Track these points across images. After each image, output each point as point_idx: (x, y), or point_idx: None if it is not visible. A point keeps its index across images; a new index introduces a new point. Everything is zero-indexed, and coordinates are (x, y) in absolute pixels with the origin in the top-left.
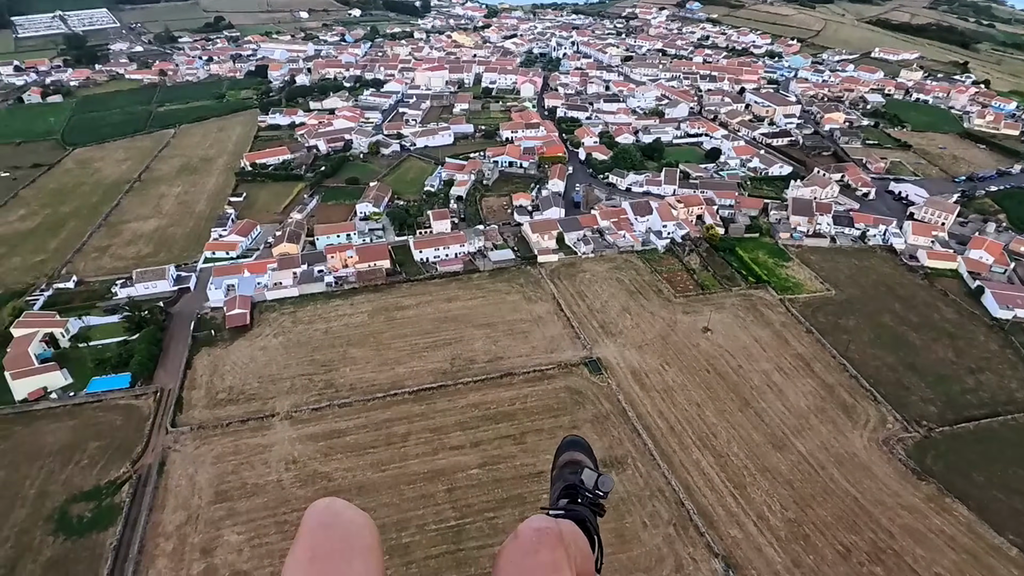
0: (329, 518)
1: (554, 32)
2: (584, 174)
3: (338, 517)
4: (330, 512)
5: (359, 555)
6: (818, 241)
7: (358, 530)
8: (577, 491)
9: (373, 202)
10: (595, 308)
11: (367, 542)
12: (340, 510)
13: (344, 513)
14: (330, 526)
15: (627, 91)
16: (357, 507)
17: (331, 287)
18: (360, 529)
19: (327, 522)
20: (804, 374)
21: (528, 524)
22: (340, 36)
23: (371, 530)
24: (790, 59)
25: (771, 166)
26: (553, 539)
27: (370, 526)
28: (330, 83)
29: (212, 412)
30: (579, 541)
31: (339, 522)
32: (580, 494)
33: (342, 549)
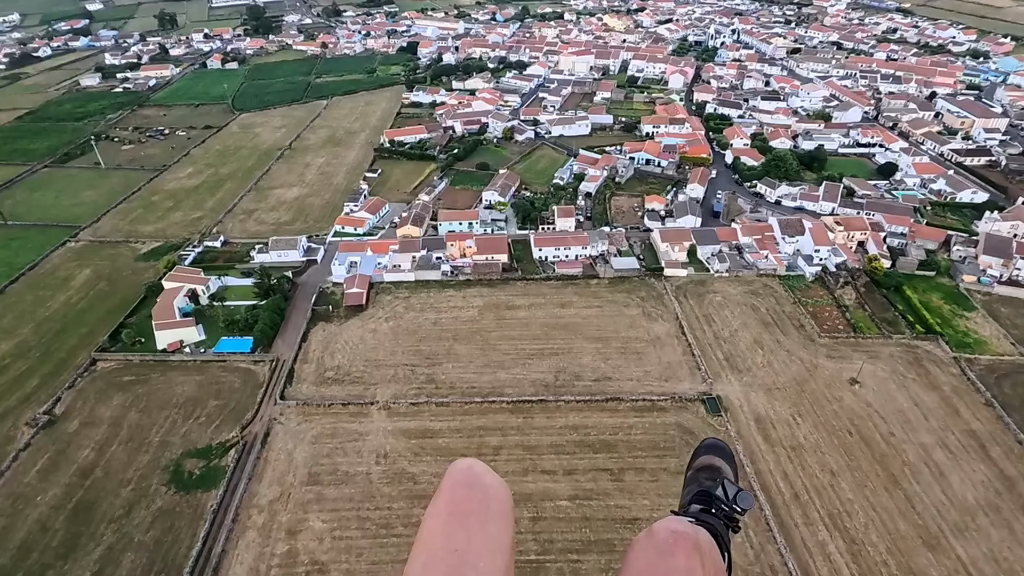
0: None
1: (714, 18)
2: (728, 180)
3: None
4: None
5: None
6: (1015, 291)
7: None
8: (711, 499)
9: (500, 191)
10: (722, 336)
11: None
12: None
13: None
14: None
15: (790, 88)
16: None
17: (446, 276)
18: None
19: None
20: (976, 458)
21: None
22: (491, 15)
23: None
24: (1000, 60)
25: (960, 190)
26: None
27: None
28: (475, 63)
29: (318, 389)
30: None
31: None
32: (715, 504)
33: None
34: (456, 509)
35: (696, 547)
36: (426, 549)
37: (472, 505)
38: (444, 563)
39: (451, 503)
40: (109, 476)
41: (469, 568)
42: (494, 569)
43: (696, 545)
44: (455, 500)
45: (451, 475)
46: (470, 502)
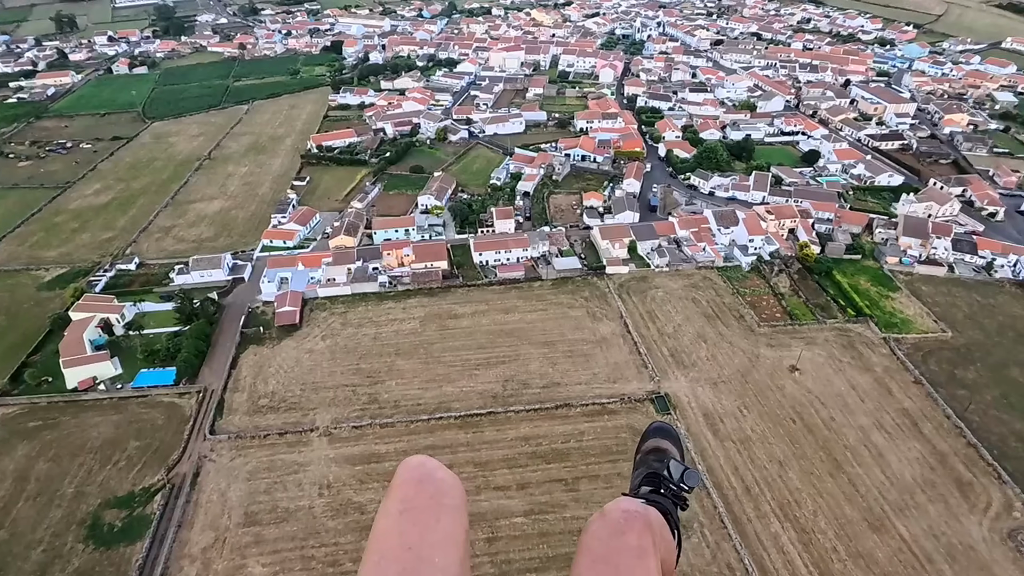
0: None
1: (639, 11)
2: (663, 173)
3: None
4: (423, 469)
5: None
6: (933, 269)
7: (448, 488)
8: (660, 481)
9: (436, 194)
10: (666, 332)
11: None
12: (433, 468)
13: (436, 472)
14: (422, 482)
15: (716, 80)
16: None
17: (385, 287)
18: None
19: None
20: (910, 435)
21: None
22: (418, 11)
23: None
24: (904, 48)
25: (879, 174)
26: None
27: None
28: (403, 61)
29: (252, 420)
30: (664, 531)
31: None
32: (664, 485)
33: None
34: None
35: (647, 525)
36: (379, 548)
37: (424, 501)
38: (398, 561)
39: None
40: (16, 537)
41: (424, 564)
42: (449, 564)
43: (647, 523)
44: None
45: (402, 472)
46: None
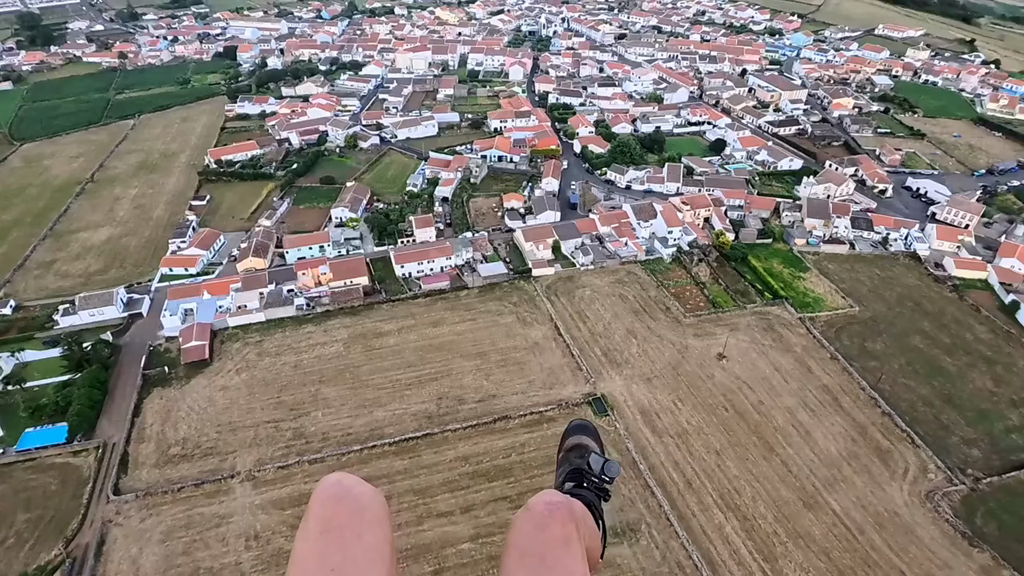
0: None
1: (543, 7)
2: (580, 169)
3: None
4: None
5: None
6: (836, 248)
7: (368, 502)
8: (583, 475)
9: (350, 206)
10: (597, 331)
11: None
12: (351, 484)
13: (355, 487)
14: (341, 499)
15: (622, 74)
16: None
17: (302, 310)
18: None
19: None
20: (832, 411)
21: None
22: (316, 12)
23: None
24: (792, 37)
25: (780, 159)
26: (564, 513)
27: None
28: (304, 66)
29: (162, 472)
30: (588, 520)
31: (350, 495)
32: (586, 478)
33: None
34: (328, 525)
35: (571, 515)
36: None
37: (345, 518)
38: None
39: (322, 520)
40: None
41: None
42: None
43: (570, 514)
44: (326, 517)
45: (319, 492)
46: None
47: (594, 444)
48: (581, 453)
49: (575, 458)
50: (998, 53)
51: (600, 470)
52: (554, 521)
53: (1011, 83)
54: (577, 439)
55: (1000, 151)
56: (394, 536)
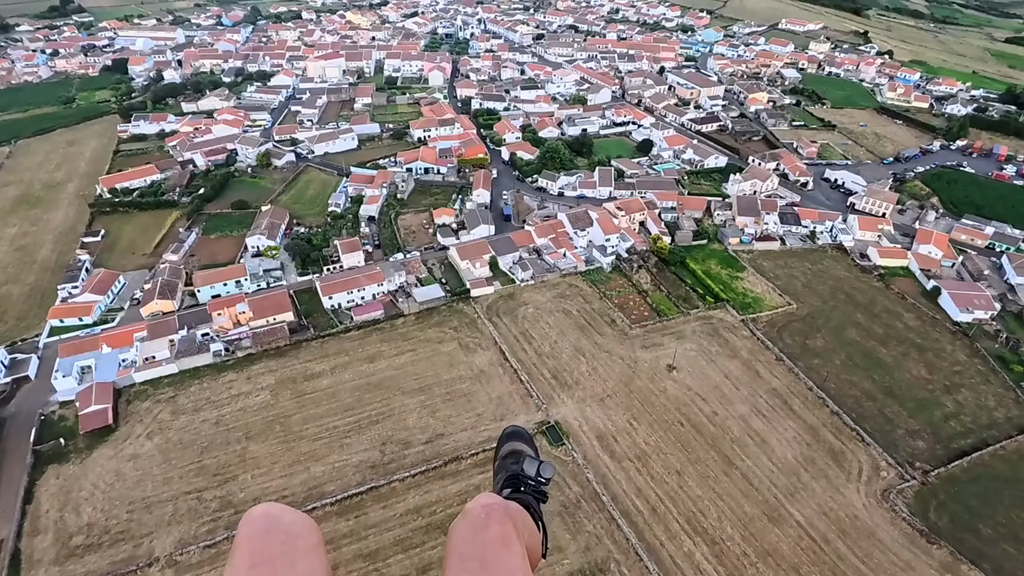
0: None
1: (458, 8)
2: (510, 177)
3: (277, 521)
4: (269, 516)
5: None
6: (768, 244)
7: (300, 531)
8: (519, 480)
9: (267, 232)
10: (544, 352)
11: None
12: (279, 513)
13: (283, 516)
14: (269, 531)
15: (544, 75)
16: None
17: (220, 356)
18: (302, 530)
19: (266, 527)
20: (784, 415)
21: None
22: (216, 19)
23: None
24: (703, 33)
25: (706, 157)
26: (501, 514)
27: (311, 527)
28: (206, 78)
29: (64, 569)
30: (526, 519)
31: (279, 526)
32: (523, 482)
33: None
34: (258, 560)
35: (508, 515)
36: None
37: (275, 550)
38: None
39: (251, 555)
40: None
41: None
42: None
43: (507, 513)
44: (254, 551)
45: (245, 526)
46: (272, 547)
47: (528, 448)
48: (516, 459)
49: (511, 464)
50: (889, 43)
51: (536, 473)
52: (492, 522)
53: (904, 72)
54: (511, 446)
55: (903, 138)
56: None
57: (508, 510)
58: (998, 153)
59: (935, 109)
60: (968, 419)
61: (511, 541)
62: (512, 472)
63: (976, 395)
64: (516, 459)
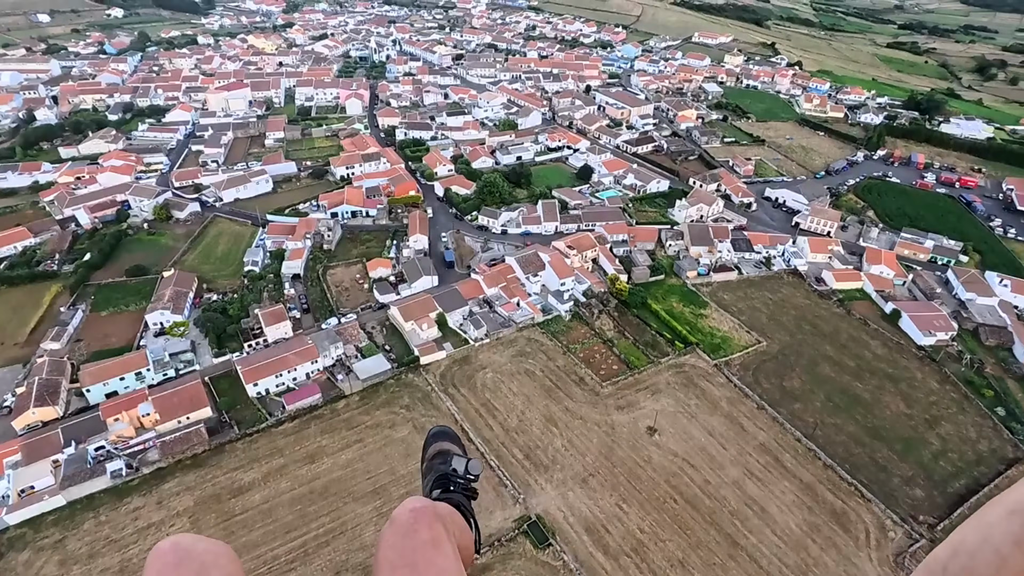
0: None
1: (370, 29)
2: (447, 216)
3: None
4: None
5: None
6: (726, 275)
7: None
8: (448, 480)
9: (171, 304)
10: (512, 427)
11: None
12: (189, 544)
13: (195, 546)
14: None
15: (469, 99)
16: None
17: (121, 476)
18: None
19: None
20: (778, 474)
21: (403, 507)
22: (97, 47)
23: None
24: (622, 49)
25: (648, 182)
26: (429, 516)
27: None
28: (88, 116)
29: None
30: (456, 518)
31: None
32: (452, 482)
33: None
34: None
35: (436, 517)
36: None
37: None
38: None
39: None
40: None
41: None
42: None
43: (436, 515)
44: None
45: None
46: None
47: (455, 447)
48: (444, 459)
49: (439, 464)
50: (794, 53)
51: (464, 470)
52: (420, 525)
53: (815, 82)
54: (439, 446)
55: (828, 150)
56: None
57: (436, 511)
58: (916, 161)
59: (850, 119)
60: (955, 456)
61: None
62: (441, 472)
63: (957, 427)
64: (444, 459)
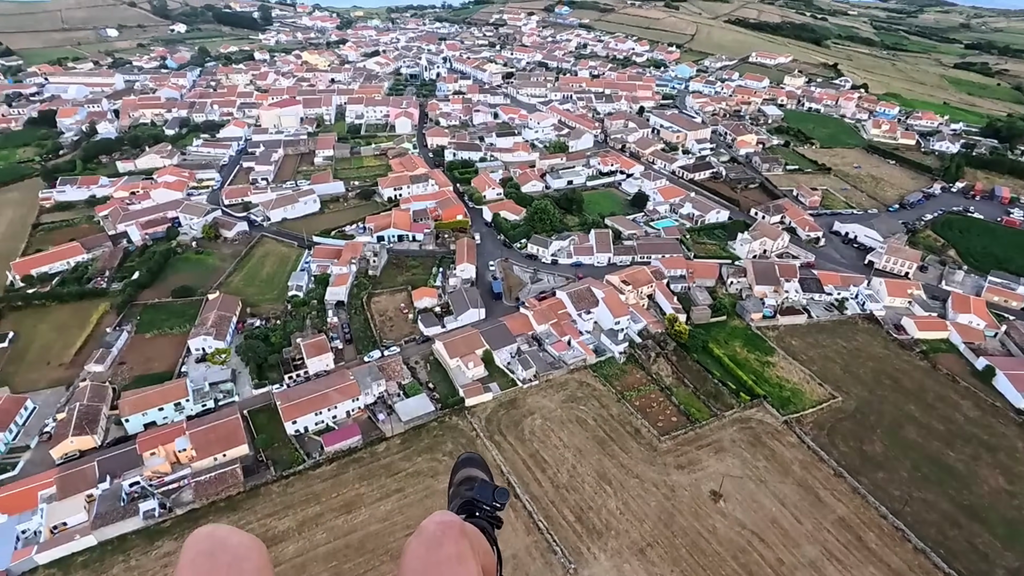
0: (213, 545)
1: (421, 46)
2: (495, 242)
3: (223, 543)
4: (213, 539)
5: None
6: (794, 318)
7: (246, 553)
8: (474, 506)
9: (214, 330)
10: (562, 483)
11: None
12: (224, 535)
13: (229, 538)
14: (214, 553)
15: (520, 119)
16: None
17: (154, 518)
18: (248, 552)
19: (211, 550)
20: (861, 557)
21: (431, 519)
22: (160, 61)
23: (261, 552)
24: (676, 68)
25: (707, 212)
26: (457, 532)
27: (259, 547)
28: (145, 131)
29: None
30: (481, 540)
31: (224, 548)
32: (478, 508)
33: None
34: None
35: (463, 533)
36: None
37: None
38: None
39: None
40: None
41: None
42: None
43: (463, 531)
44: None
45: (189, 549)
46: (217, 571)
47: (483, 474)
48: (470, 485)
49: (465, 491)
50: (857, 75)
51: (491, 497)
52: (447, 539)
53: (883, 106)
54: (467, 472)
55: (900, 180)
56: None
57: (464, 528)
58: (1001, 195)
59: (923, 146)
60: None
61: (466, 559)
62: (467, 498)
63: None
64: (470, 485)
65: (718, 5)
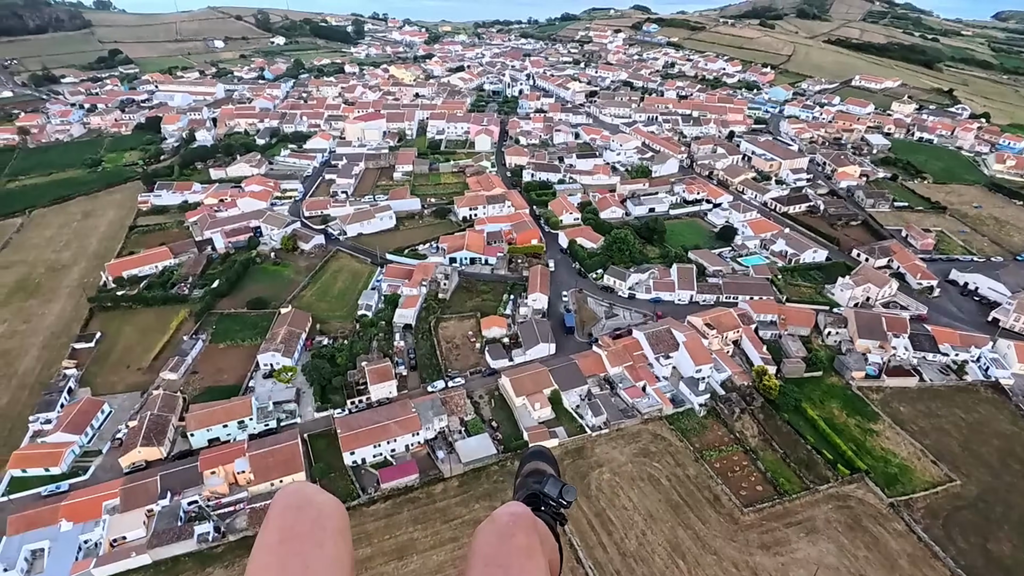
0: (301, 500)
1: (505, 62)
2: (569, 271)
3: (310, 500)
4: (301, 495)
5: (331, 538)
6: (903, 380)
7: (330, 512)
8: (540, 500)
9: (283, 347)
10: (629, 551)
11: (339, 525)
12: (312, 493)
13: (316, 496)
14: (301, 508)
15: (601, 140)
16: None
17: (208, 541)
18: (332, 511)
19: (298, 504)
20: None
21: (504, 509)
22: (258, 72)
23: (342, 513)
24: (770, 91)
25: (803, 251)
26: (528, 524)
27: (340, 510)
28: (239, 140)
29: None
30: (548, 536)
31: (310, 505)
32: (543, 503)
33: (312, 531)
34: (288, 535)
35: (534, 526)
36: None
37: (306, 527)
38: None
39: (282, 529)
40: None
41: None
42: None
43: (534, 525)
44: (286, 526)
45: (279, 500)
46: (303, 524)
47: (551, 469)
48: (538, 479)
49: (532, 483)
50: (975, 101)
51: (558, 494)
52: (519, 531)
53: (1008, 139)
54: (534, 465)
55: None
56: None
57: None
58: None
59: None
60: None
61: (535, 553)
62: (533, 491)
63: None
64: (538, 479)
65: (817, 24)
